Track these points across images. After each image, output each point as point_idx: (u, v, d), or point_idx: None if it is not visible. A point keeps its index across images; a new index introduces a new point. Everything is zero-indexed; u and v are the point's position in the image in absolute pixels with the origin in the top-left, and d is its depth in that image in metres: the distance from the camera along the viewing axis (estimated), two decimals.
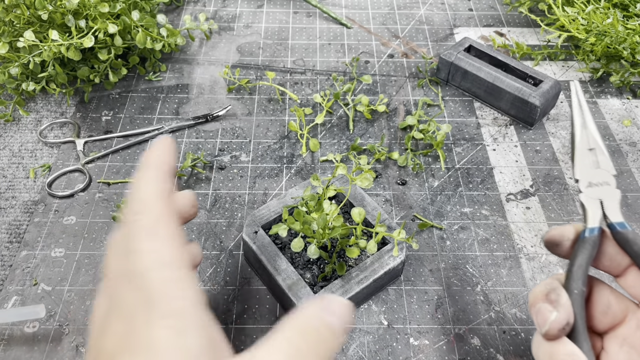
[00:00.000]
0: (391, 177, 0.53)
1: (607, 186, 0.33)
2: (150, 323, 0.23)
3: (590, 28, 0.62)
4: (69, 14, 0.56)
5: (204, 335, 0.23)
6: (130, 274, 0.25)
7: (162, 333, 0.23)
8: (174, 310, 0.24)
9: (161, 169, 0.29)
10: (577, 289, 0.30)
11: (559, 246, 0.32)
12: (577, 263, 0.31)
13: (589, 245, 0.31)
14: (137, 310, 0.23)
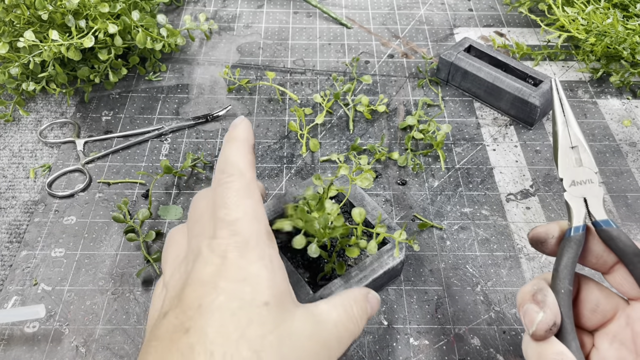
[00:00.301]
0: (391, 177, 0.53)
1: (590, 184, 0.33)
2: (248, 260, 0.27)
3: (590, 28, 0.62)
4: (69, 14, 0.56)
5: (286, 279, 0.29)
6: (225, 222, 0.28)
7: (258, 269, 0.27)
8: (267, 254, 0.28)
9: (248, 143, 0.32)
10: (564, 288, 0.30)
11: (544, 244, 0.32)
12: (563, 262, 0.31)
13: (575, 243, 0.31)
14: (232, 249, 0.27)
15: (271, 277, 0.27)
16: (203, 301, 0.26)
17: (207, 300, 0.26)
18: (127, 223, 0.48)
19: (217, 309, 0.25)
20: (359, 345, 0.41)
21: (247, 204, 0.29)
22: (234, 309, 0.25)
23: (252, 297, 0.26)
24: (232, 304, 0.26)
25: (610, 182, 0.53)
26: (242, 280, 0.26)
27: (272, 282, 0.27)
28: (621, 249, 0.30)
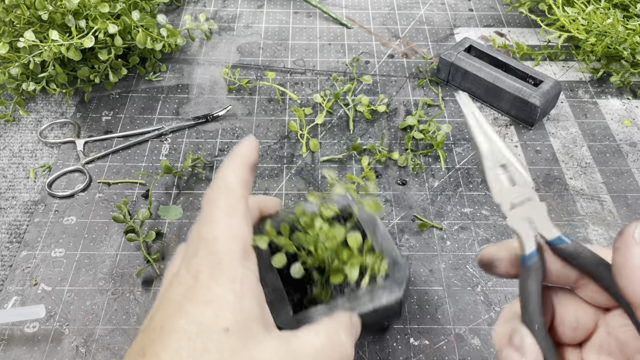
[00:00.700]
0: (391, 177, 0.53)
1: (530, 202, 0.30)
2: (217, 281, 0.26)
3: (590, 28, 0.62)
4: (69, 14, 0.56)
5: (257, 304, 0.27)
6: (204, 240, 0.28)
7: (224, 292, 0.26)
8: (239, 276, 0.27)
9: (246, 161, 0.32)
10: (537, 322, 0.27)
11: (493, 268, 0.30)
12: (528, 294, 0.28)
13: (533, 271, 0.28)
14: (205, 269, 0.27)
15: (237, 302, 0.26)
16: (165, 323, 0.25)
17: (169, 323, 0.25)
18: (127, 223, 0.48)
19: (175, 332, 0.25)
20: (358, 345, 0.41)
21: (228, 223, 0.28)
22: (191, 333, 0.25)
23: (212, 322, 0.25)
24: (191, 328, 0.25)
25: (611, 182, 0.53)
26: (206, 304, 0.26)
27: (238, 307, 0.26)
28: (582, 263, 0.28)
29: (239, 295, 0.26)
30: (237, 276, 0.27)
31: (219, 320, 0.25)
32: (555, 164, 0.55)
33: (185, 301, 0.26)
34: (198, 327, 0.25)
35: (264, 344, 0.26)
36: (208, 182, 0.53)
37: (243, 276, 0.27)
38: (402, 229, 0.49)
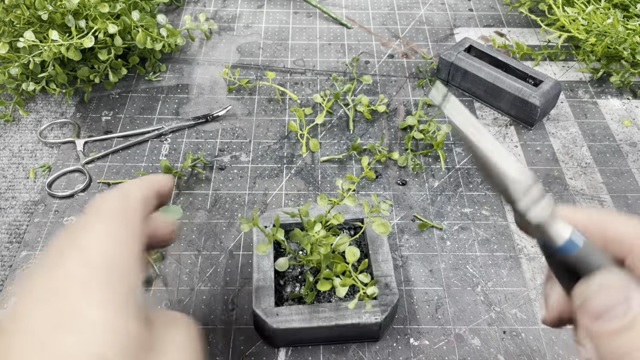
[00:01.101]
0: (391, 177, 0.53)
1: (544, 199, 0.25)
2: (87, 301, 0.22)
3: (590, 28, 0.62)
4: (69, 14, 0.55)
5: (140, 325, 0.23)
6: (76, 246, 0.24)
7: (98, 313, 0.22)
8: (115, 293, 0.23)
9: (155, 185, 0.30)
10: None
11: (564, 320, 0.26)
12: None
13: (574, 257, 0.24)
14: (75, 285, 0.23)
15: (117, 324, 0.22)
16: (9, 356, 0.21)
17: (13, 355, 0.21)
18: None
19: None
20: (358, 345, 0.41)
21: (112, 230, 0.24)
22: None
23: (80, 350, 0.21)
24: None
25: (611, 182, 0.53)
26: (73, 330, 0.21)
27: (117, 330, 0.22)
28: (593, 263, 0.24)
29: (121, 316, 0.22)
30: (114, 292, 0.23)
31: (90, 346, 0.21)
32: (555, 164, 0.55)
33: (48, 329, 0.21)
34: (57, 357, 0.21)
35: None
36: (208, 182, 0.53)
37: (127, 292, 0.23)
38: (402, 229, 0.49)
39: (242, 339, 0.42)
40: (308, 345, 0.41)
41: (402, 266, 0.46)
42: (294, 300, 0.41)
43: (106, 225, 0.25)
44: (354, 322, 0.39)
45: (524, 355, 0.41)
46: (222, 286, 0.45)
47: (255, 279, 0.41)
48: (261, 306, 0.39)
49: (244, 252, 0.47)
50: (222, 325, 0.42)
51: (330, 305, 0.39)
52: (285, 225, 0.45)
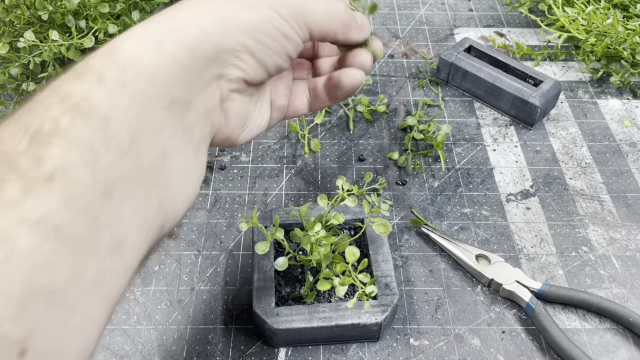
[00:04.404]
0: (391, 177, 0.53)
1: (510, 270, 0.45)
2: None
3: (590, 28, 0.62)
4: (69, 14, 0.55)
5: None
6: None
7: None
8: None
9: None
10: None
11: None
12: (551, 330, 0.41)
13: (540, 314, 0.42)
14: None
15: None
16: None
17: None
18: None
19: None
20: (358, 345, 0.41)
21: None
22: None
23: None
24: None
25: (611, 182, 0.53)
26: None
27: None
28: (562, 297, 0.43)
29: None
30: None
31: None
32: (555, 164, 0.55)
33: None
34: None
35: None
36: (208, 182, 0.53)
37: None
38: (401, 229, 0.49)
39: (242, 339, 0.42)
40: (308, 345, 0.41)
41: (402, 266, 0.46)
42: (294, 300, 0.41)
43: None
44: (354, 322, 0.39)
45: (524, 355, 0.41)
46: (222, 286, 0.45)
47: (255, 279, 0.41)
48: (261, 306, 0.39)
49: (244, 252, 0.47)
50: (222, 325, 0.42)
51: (330, 306, 0.39)
52: (285, 225, 0.45)
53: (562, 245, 0.48)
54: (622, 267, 0.46)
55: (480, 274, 0.44)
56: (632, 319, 0.41)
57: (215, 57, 0.26)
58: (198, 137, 0.27)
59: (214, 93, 0.27)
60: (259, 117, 0.33)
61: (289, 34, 0.29)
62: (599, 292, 0.44)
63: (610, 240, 0.48)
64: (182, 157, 0.26)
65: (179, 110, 0.25)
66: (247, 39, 0.27)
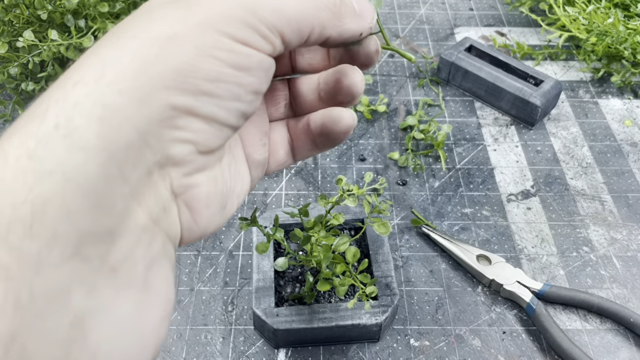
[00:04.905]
0: (392, 177, 0.53)
1: (511, 271, 0.44)
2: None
3: (591, 28, 0.62)
4: (69, 14, 0.55)
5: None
6: None
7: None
8: None
9: None
10: None
11: None
12: (551, 330, 0.41)
13: (541, 314, 0.42)
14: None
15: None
16: None
17: None
18: None
19: None
20: (359, 346, 0.41)
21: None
22: None
23: None
24: None
25: (612, 182, 0.53)
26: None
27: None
28: (563, 298, 0.43)
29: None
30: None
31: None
32: (556, 164, 0.54)
33: None
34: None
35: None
36: None
37: None
38: (402, 229, 0.49)
39: (241, 340, 0.41)
40: (308, 346, 0.41)
41: (402, 266, 0.46)
42: (294, 300, 0.41)
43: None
44: (354, 322, 0.39)
45: (525, 356, 0.41)
46: (221, 286, 0.44)
47: (255, 279, 0.41)
48: (261, 306, 0.39)
49: (243, 253, 0.47)
50: (222, 326, 0.42)
51: (330, 306, 0.39)
52: (285, 226, 0.44)
53: (563, 245, 0.47)
54: (623, 268, 0.46)
55: (480, 275, 0.44)
56: (633, 319, 0.41)
57: (143, 140, 0.17)
58: (142, 268, 0.18)
59: (157, 191, 0.19)
60: (236, 185, 0.23)
61: (248, 60, 0.19)
62: (600, 293, 0.44)
63: (611, 240, 0.48)
64: (115, 312, 0.17)
65: (94, 252, 0.16)
66: (181, 95, 0.18)
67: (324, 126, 0.25)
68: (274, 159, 0.27)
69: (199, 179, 0.20)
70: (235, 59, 0.19)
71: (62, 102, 0.17)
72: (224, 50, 0.18)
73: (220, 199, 0.22)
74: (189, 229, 0.21)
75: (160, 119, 0.18)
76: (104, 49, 0.18)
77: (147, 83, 0.18)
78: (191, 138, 0.19)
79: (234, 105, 0.19)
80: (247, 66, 0.19)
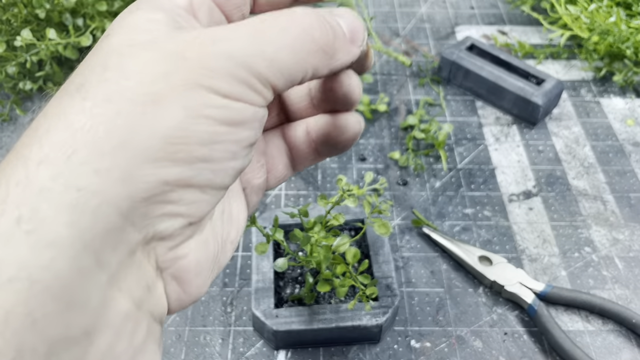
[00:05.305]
0: (392, 177, 0.53)
1: (513, 271, 0.44)
2: None
3: (593, 27, 0.62)
4: (67, 13, 0.55)
5: None
6: None
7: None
8: None
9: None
10: None
11: None
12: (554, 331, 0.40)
13: (543, 315, 0.41)
14: None
15: None
16: None
17: None
18: None
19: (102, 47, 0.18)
20: (359, 347, 0.41)
21: None
22: None
23: None
24: None
25: (613, 182, 0.52)
26: None
27: None
28: (565, 298, 0.43)
29: (131, 9, 0.19)
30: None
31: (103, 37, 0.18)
32: (558, 163, 0.54)
33: None
34: None
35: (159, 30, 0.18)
36: None
37: None
38: (402, 229, 0.48)
39: (241, 341, 0.41)
40: (308, 347, 0.41)
41: (402, 267, 0.46)
42: (294, 301, 0.41)
43: None
44: (355, 324, 0.38)
45: (526, 357, 0.40)
46: (220, 287, 0.44)
47: (254, 280, 0.40)
48: (260, 308, 0.39)
49: (243, 253, 0.46)
50: (221, 327, 0.42)
51: (330, 307, 0.39)
52: (285, 226, 0.44)
53: (565, 245, 0.47)
54: (626, 268, 0.45)
55: (482, 275, 0.44)
56: (636, 320, 0.41)
57: (126, 221, 0.15)
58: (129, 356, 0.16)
59: (141, 270, 0.16)
60: (231, 231, 0.21)
61: (241, 114, 0.17)
62: (602, 294, 0.44)
63: (613, 240, 0.47)
64: None
65: (67, 355, 0.14)
66: (173, 166, 0.16)
67: (329, 135, 0.23)
68: (273, 175, 0.24)
69: (188, 248, 0.18)
70: (229, 115, 0.17)
71: (25, 187, 0.14)
72: (215, 107, 0.16)
73: (212, 260, 0.19)
74: (178, 299, 0.18)
75: (147, 196, 0.15)
76: (71, 111, 0.16)
77: (131, 158, 0.15)
78: (183, 211, 0.17)
79: (231, 165, 0.17)
80: (242, 120, 0.17)
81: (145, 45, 0.17)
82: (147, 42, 0.17)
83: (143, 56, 0.16)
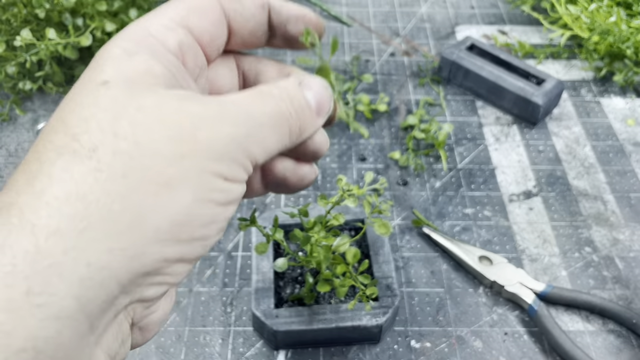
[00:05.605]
0: (392, 177, 0.53)
1: (513, 271, 0.44)
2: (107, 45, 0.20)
3: (593, 27, 0.62)
4: (66, 12, 0.55)
5: (158, 63, 0.20)
6: None
7: (111, 48, 0.20)
8: (134, 33, 0.21)
9: None
10: None
11: None
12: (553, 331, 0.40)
13: (544, 315, 0.41)
14: None
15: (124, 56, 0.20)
16: None
17: None
18: None
19: None
20: (359, 347, 0.41)
21: None
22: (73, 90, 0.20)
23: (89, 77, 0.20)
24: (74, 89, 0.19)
25: (614, 182, 0.52)
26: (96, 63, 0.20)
27: (124, 62, 0.20)
28: (566, 299, 0.43)
29: (128, 52, 0.20)
30: (133, 32, 0.21)
31: (97, 74, 0.19)
32: (558, 163, 0.54)
33: None
34: (78, 83, 0.20)
35: (163, 95, 0.19)
36: None
37: (142, 35, 0.21)
38: (403, 229, 0.48)
39: (240, 341, 0.41)
40: (308, 347, 0.41)
41: (403, 267, 0.46)
42: (294, 301, 0.41)
43: None
44: (355, 324, 0.38)
45: (526, 357, 0.40)
46: (220, 287, 0.44)
47: (254, 280, 0.40)
48: (260, 308, 0.39)
49: (242, 253, 0.46)
50: (221, 327, 0.42)
51: (330, 307, 0.39)
52: (285, 226, 0.44)
53: (565, 246, 0.47)
54: (626, 268, 0.45)
55: (482, 276, 0.44)
56: (636, 320, 0.41)
57: (123, 290, 0.17)
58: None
59: (120, 327, 0.18)
60: None
61: (233, 195, 0.19)
62: (603, 294, 0.44)
63: (613, 241, 0.47)
64: None
65: None
66: (175, 246, 0.17)
67: (286, 180, 0.25)
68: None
69: (159, 305, 0.20)
70: (227, 196, 0.19)
71: (34, 260, 0.15)
72: (219, 191, 0.18)
73: (172, 307, 0.21)
74: (136, 344, 0.20)
75: (147, 271, 0.17)
76: (81, 179, 0.16)
77: (140, 239, 0.16)
78: (171, 281, 0.18)
79: (216, 239, 0.20)
80: (235, 199, 0.19)
81: (155, 111, 0.18)
82: (154, 107, 0.18)
83: (156, 130, 0.17)
